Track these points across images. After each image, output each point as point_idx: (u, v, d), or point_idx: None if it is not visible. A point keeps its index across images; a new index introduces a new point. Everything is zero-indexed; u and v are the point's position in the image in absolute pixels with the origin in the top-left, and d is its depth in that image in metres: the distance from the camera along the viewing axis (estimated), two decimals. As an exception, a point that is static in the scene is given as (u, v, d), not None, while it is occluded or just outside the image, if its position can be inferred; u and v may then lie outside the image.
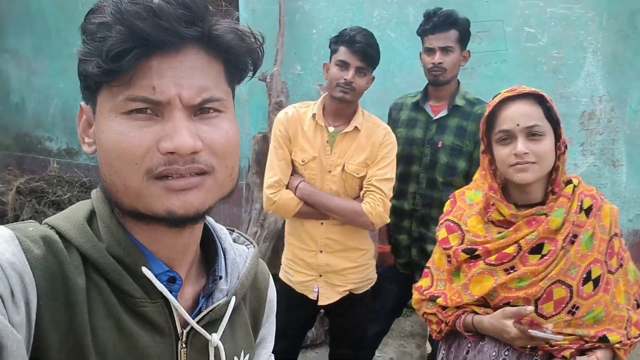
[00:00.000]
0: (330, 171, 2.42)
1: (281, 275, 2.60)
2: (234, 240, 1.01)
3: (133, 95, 0.70)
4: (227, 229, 1.01)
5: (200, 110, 0.75)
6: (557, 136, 1.62)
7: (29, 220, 0.78)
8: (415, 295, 1.94)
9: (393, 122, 2.83)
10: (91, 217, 0.81)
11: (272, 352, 1.10)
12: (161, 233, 0.79)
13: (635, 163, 3.83)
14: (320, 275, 2.51)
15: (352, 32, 2.31)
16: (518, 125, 1.58)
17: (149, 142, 0.71)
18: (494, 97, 1.66)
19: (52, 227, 0.77)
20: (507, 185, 1.71)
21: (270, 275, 1.09)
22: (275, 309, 1.10)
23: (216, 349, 0.86)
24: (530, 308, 1.59)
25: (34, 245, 0.71)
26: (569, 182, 1.67)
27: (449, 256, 1.77)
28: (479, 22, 2.72)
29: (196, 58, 0.74)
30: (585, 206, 1.65)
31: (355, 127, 2.41)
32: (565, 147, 1.64)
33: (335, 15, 4.25)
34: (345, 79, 2.30)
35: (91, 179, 5.43)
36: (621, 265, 1.68)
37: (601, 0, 3.69)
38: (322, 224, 2.46)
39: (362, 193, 2.42)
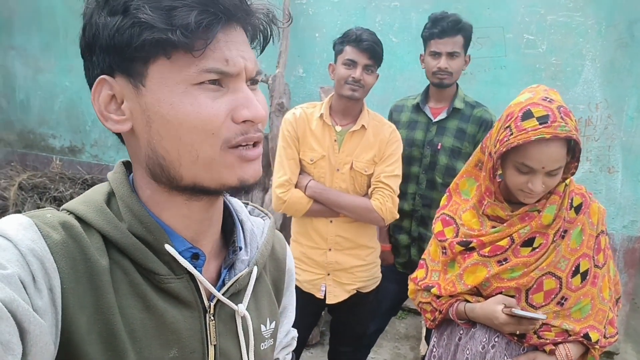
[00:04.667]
0: (338, 169, 2.46)
1: None
2: (250, 213, 1.02)
3: (208, 67, 0.72)
4: (242, 202, 1.02)
5: (252, 81, 0.79)
6: (573, 158, 1.64)
7: (46, 208, 0.78)
8: (411, 286, 1.99)
9: (394, 123, 2.85)
10: (109, 199, 0.81)
11: None
12: (193, 208, 0.81)
13: (630, 170, 3.85)
14: (329, 274, 2.54)
15: (357, 32, 2.36)
16: (544, 168, 1.57)
17: (225, 112, 0.74)
18: (526, 119, 1.55)
19: (70, 212, 0.78)
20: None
21: (288, 246, 1.10)
22: (295, 278, 1.11)
23: (243, 318, 0.88)
24: (519, 309, 1.65)
25: (53, 230, 0.71)
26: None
27: (444, 248, 1.83)
28: (480, 28, 2.76)
29: (242, 33, 0.77)
30: (575, 204, 1.71)
31: (362, 126, 2.46)
32: (576, 168, 1.66)
33: (339, 19, 4.31)
34: (353, 77, 2.35)
35: (93, 176, 5.47)
36: (606, 262, 1.74)
37: (601, 9, 3.72)
38: (331, 221, 2.50)
39: (370, 190, 2.47)
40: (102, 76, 0.75)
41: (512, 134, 1.56)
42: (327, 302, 2.56)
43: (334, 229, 2.50)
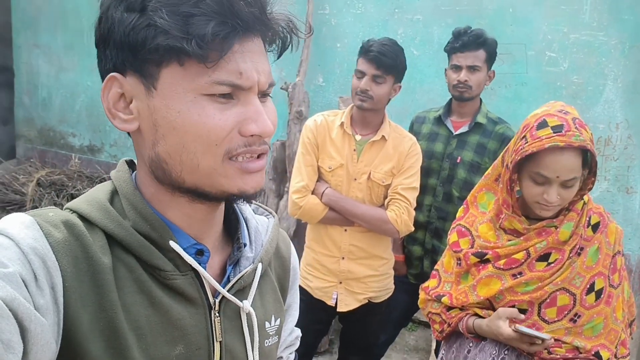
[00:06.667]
0: (356, 179, 2.46)
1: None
2: (254, 211, 1.02)
3: (220, 79, 0.71)
4: None
5: (262, 93, 0.77)
6: (589, 172, 1.65)
7: (49, 207, 0.78)
8: (422, 295, 1.99)
9: (414, 134, 2.84)
10: (112, 197, 0.81)
11: None
12: (197, 209, 0.81)
13: (649, 191, 3.82)
14: (341, 282, 2.54)
15: (370, 42, 2.37)
16: (558, 177, 1.58)
17: (232, 125, 0.73)
18: (541, 128, 1.59)
19: (73, 211, 0.78)
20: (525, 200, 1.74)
21: (292, 244, 1.10)
22: (299, 277, 1.12)
23: (248, 315, 0.88)
24: (522, 316, 1.65)
25: (55, 229, 0.71)
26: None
27: (459, 259, 1.83)
28: (502, 44, 2.77)
29: (260, 43, 0.76)
30: (592, 222, 1.72)
31: (383, 137, 2.46)
32: (593, 183, 1.67)
33: (361, 31, 4.33)
34: (360, 88, 2.36)
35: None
36: (621, 282, 1.74)
37: (625, 29, 3.70)
38: (345, 230, 2.50)
39: (387, 201, 2.47)
40: (112, 74, 0.75)
41: (527, 143, 1.59)
42: (338, 310, 2.56)
43: (348, 238, 2.51)
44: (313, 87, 4.52)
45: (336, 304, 2.55)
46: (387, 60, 2.35)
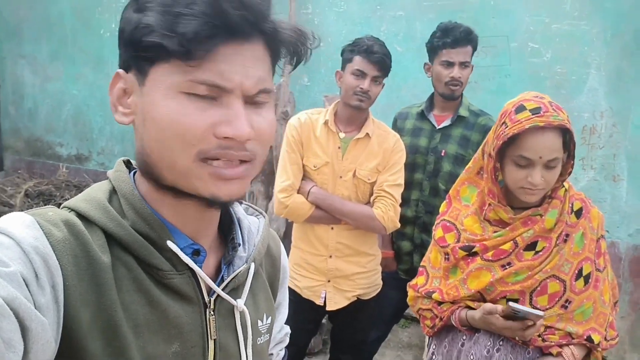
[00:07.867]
0: (341, 176, 2.46)
1: None
2: (245, 211, 1.03)
3: (201, 78, 0.72)
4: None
5: (253, 99, 0.77)
6: (569, 156, 1.66)
7: (47, 206, 0.79)
8: (410, 293, 1.99)
9: (398, 130, 2.86)
10: (111, 196, 0.82)
11: None
12: (190, 208, 0.82)
13: (635, 178, 3.82)
14: (329, 281, 2.54)
15: (368, 42, 2.37)
16: (541, 157, 1.59)
17: (207, 125, 0.73)
18: (519, 112, 1.61)
19: (72, 210, 0.79)
20: (508, 189, 1.74)
21: (282, 244, 1.12)
22: (289, 275, 1.14)
23: (241, 313, 0.89)
24: (501, 307, 1.63)
25: (55, 228, 0.72)
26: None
27: (446, 254, 1.82)
28: (485, 37, 2.78)
29: (258, 48, 0.76)
30: (575, 208, 1.74)
31: (367, 134, 2.46)
32: (572, 167, 1.69)
33: (344, 29, 4.33)
34: (362, 88, 2.36)
35: (99, 184, 5.50)
36: (605, 266, 1.76)
37: (607, 18, 3.72)
38: (332, 228, 2.50)
39: (372, 198, 2.47)
40: (118, 70, 0.79)
41: (507, 127, 1.61)
42: (327, 308, 2.55)
43: (335, 236, 2.50)
44: (298, 87, 4.51)
45: (325, 302, 2.54)
46: (388, 62, 2.41)
